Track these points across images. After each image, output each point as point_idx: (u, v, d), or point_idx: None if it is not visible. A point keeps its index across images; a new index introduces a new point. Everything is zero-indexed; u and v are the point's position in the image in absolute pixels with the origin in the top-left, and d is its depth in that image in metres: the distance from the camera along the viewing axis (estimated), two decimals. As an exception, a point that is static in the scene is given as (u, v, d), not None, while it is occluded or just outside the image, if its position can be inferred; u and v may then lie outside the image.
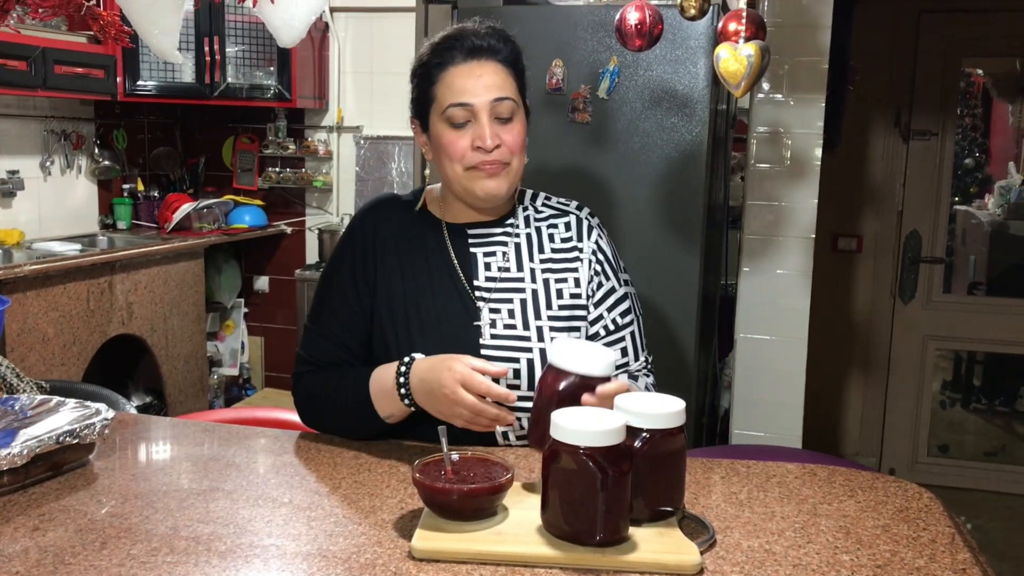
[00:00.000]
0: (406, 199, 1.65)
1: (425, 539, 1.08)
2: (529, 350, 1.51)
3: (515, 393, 1.33)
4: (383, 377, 1.45)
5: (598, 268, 1.59)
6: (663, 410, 1.14)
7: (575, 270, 1.59)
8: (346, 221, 4.51)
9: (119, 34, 1.59)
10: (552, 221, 1.62)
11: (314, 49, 4.44)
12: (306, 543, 1.09)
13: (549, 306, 1.55)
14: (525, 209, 1.63)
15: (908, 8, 4.12)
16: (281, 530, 1.13)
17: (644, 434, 1.13)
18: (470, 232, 1.59)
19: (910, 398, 4.32)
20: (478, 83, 1.47)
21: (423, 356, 1.42)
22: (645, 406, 1.15)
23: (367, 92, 4.55)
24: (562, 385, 1.24)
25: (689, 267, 2.57)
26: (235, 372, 4.72)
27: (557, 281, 1.57)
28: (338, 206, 4.66)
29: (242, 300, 4.79)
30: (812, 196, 2.69)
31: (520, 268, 1.57)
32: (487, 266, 1.56)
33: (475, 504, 1.12)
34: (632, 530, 1.12)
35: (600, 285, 1.59)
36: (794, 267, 2.72)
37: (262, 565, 1.03)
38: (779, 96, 2.69)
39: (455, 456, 1.19)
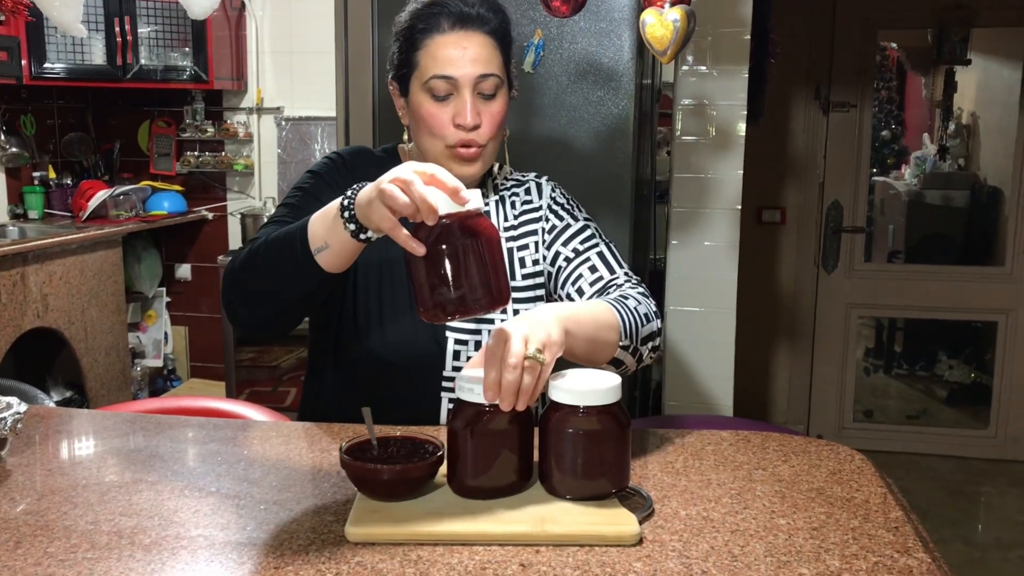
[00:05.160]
0: (379, 154, 1.60)
1: (359, 522, 1.05)
2: (491, 321, 1.50)
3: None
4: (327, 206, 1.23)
5: (551, 215, 1.59)
6: (594, 387, 1.10)
7: (535, 232, 1.58)
8: (269, 205, 4.40)
9: (16, 6, 1.50)
10: (514, 190, 1.63)
11: (231, 28, 4.31)
12: (235, 532, 1.05)
13: (513, 276, 1.55)
14: (493, 179, 1.63)
15: (825, -19, 4.19)
16: (209, 520, 1.08)
17: (580, 411, 1.09)
18: None
19: (835, 366, 4.42)
20: (464, 55, 1.43)
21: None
22: (577, 383, 1.11)
23: (287, 72, 4.44)
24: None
25: (619, 242, 2.56)
26: (159, 363, 4.60)
27: (520, 249, 1.57)
28: (260, 189, 4.55)
29: (163, 289, 4.65)
30: (737, 168, 2.71)
31: None
32: None
33: (406, 483, 1.10)
34: (570, 503, 1.11)
35: (554, 228, 1.58)
36: (721, 238, 2.74)
37: (189, 556, 0.99)
38: (703, 68, 2.70)
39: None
